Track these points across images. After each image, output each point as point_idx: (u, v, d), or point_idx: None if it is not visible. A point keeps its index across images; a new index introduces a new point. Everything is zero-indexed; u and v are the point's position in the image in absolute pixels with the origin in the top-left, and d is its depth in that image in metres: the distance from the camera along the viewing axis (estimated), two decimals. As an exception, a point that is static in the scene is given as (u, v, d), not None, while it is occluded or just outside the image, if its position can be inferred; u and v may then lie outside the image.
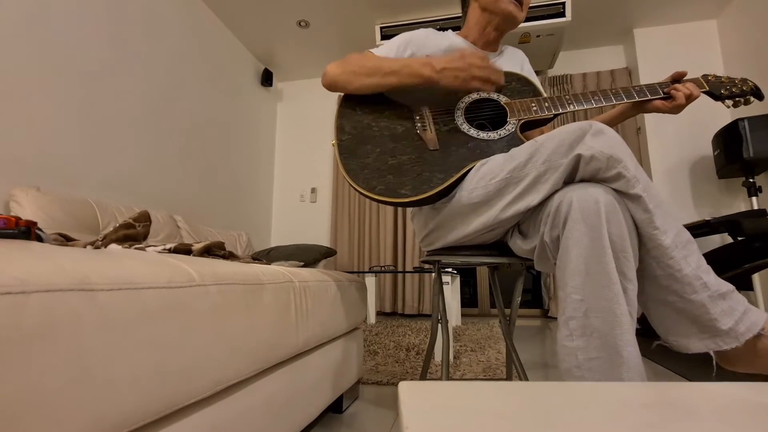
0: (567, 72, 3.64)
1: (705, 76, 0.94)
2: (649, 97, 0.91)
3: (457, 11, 3.10)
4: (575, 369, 0.61)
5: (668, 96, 0.91)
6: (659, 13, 3.24)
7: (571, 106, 0.91)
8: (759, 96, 0.94)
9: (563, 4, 2.98)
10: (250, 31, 3.48)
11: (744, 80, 0.94)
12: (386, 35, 3.26)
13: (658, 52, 3.35)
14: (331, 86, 0.97)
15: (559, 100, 0.92)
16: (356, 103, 0.98)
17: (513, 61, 1.13)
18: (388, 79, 0.92)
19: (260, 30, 3.46)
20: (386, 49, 1.04)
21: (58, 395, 0.31)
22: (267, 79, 3.93)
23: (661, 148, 3.24)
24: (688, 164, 3.18)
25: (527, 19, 3.02)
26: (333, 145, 0.93)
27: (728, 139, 2.63)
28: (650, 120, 3.26)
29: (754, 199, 2.67)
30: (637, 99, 0.91)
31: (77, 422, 0.33)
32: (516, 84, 1.00)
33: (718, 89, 0.93)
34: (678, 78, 0.93)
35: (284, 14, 3.26)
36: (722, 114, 3.08)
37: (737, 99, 0.93)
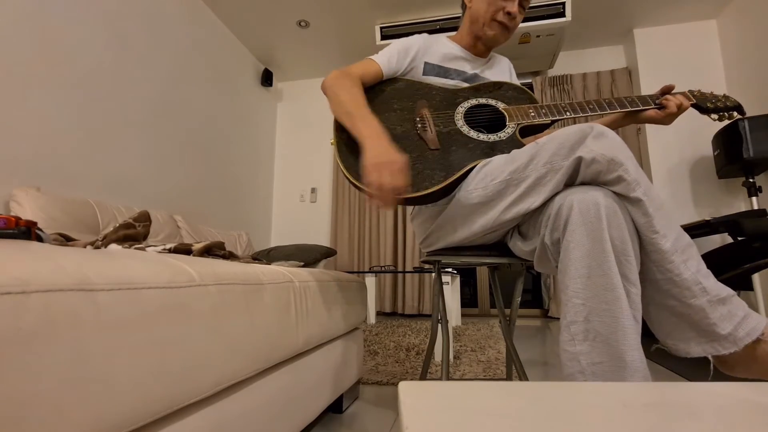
0: (567, 72, 3.64)
1: (691, 91, 1.00)
2: (641, 107, 0.95)
3: (456, 11, 3.10)
4: (579, 374, 0.60)
5: (660, 106, 0.96)
6: (659, 13, 3.23)
7: (568, 114, 0.94)
8: (741, 111, 0.99)
9: (563, 4, 2.97)
10: (250, 32, 3.48)
11: (726, 96, 1.00)
12: (386, 35, 3.25)
13: (658, 52, 3.34)
14: (324, 93, 1.00)
15: (556, 107, 0.95)
16: None
17: (501, 70, 1.16)
18: (343, 119, 0.90)
19: (260, 30, 3.46)
20: (387, 55, 1.04)
21: (58, 395, 0.31)
22: (267, 79, 3.93)
23: (661, 149, 3.24)
24: (688, 164, 3.18)
25: (527, 19, 3.01)
26: (332, 143, 0.94)
27: (728, 139, 2.63)
28: (650, 120, 3.26)
29: (754, 199, 2.67)
30: (630, 109, 0.95)
31: (77, 422, 0.33)
32: (512, 92, 1.03)
33: (704, 102, 0.98)
34: (667, 91, 0.97)
35: (284, 14, 3.26)
36: (722, 114, 3.08)
37: (722, 113, 0.99)
